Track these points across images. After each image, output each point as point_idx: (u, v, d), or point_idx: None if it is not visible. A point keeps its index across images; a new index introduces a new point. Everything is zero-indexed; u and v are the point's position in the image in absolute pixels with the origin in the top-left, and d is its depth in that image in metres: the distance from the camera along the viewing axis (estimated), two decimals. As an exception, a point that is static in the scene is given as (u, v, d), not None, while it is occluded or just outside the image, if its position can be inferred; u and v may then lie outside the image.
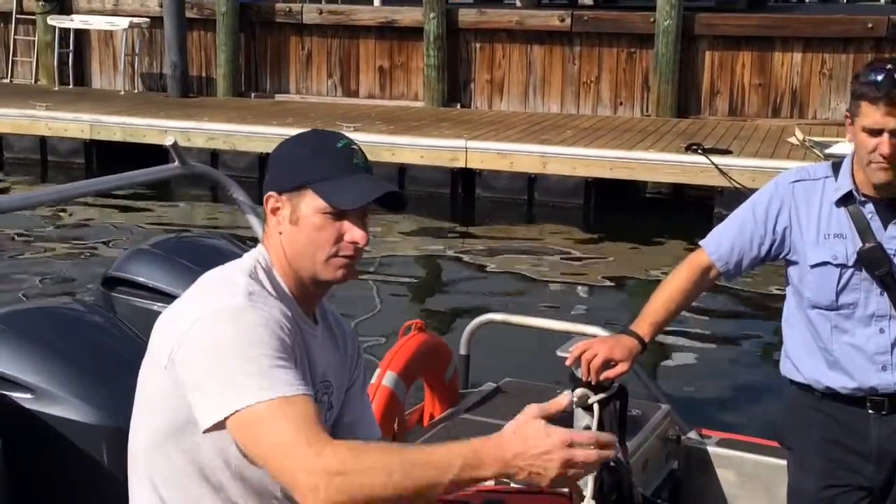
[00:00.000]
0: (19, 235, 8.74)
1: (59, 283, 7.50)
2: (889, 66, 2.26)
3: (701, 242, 2.57)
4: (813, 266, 2.43)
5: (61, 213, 9.30)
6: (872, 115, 2.26)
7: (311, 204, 1.71)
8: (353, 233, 1.71)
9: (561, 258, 8.30)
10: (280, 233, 1.75)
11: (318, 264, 1.72)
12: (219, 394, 1.57)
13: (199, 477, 1.69)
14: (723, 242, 2.53)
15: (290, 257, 1.74)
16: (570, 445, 1.45)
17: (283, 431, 1.53)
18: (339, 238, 1.71)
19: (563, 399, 1.55)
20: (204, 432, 1.61)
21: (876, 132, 2.27)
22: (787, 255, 2.49)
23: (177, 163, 2.73)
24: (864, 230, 2.37)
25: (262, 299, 1.68)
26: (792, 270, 2.51)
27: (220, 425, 1.58)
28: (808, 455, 2.52)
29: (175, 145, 2.68)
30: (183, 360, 1.63)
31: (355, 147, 1.76)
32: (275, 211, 1.75)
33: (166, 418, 1.69)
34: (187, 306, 1.69)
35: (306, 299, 1.78)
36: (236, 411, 1.55)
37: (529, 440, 1.45)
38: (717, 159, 8.82)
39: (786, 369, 2.57)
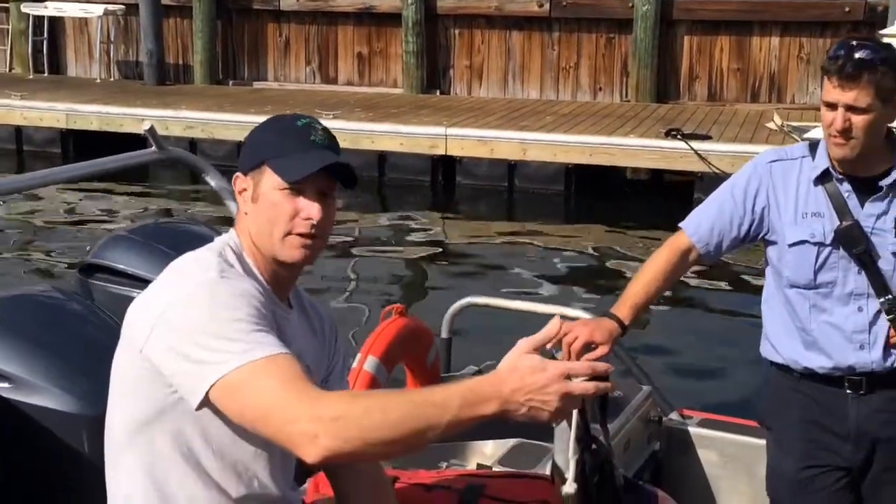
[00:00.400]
0: (-2, 224, 8.69)
1: (37, 271, 7.44)
2: (854, 42, 2.28)
3: (681, 224, 2.58)
4: (791, 245, 2.44)
5: (38, 201, 9.22)
6: (828, 89, 2.30)
7: (269, 181, 1.71)
8: (309, 209, 1.70)
9: (541, 244, 8.31)
10: (246, 213, 1.76)
11: (276, 242, 1.72)
12: (202, 366, 1.56)
13: (181, 459, 1.68)
14: (702, 224, 2.54)
15: (255, 237, 1.74)
16: (567, 377, 1.45)
17: (271, 388, 1.52)
18: (295, 214, 1.70)
19: (553, 326, 1.53)
20: (196, 409, 1.59)
21: (832, 106, 2.30)
22: (766, 234, 2.50)
23: (154, 148, 2.71)
24: (841, 208, 2.39)
25: (234, 275, 1.69)
26: (771, 250, 2.52)
27: (208, 399, 1.57)
28: (787, 435, 2.54)
29: (152, 130, 2.65)
30: (160, 341, 1.61)
31: (317, 126, 1.75)
32: (242, 192, 1.77)
33: (145, 403, 1.68)
34: (160, 290, 1.69)
35: (278, 283, 1.77)
36: (222, 377, 1.54)
37: (526, 375, 1.45)
38: (697, 144, 8.85)
39: (765, 350, 2.58)
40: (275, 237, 1.71)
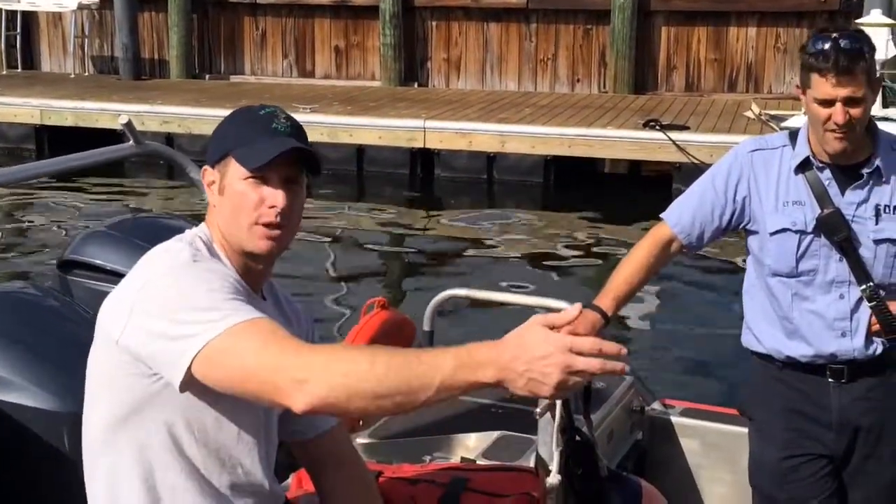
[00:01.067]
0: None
1: (14, 269, 7.37)
2: (834, 34, 2.27)
3: (662, 215, 2.58)
4: (773, 233, 2.45)
5: (15, 197, 9.13)
6: (823, 86, 2.28)
7: (234, 171, 1.70)
8: (273, 197, 1.68)
9: (522, 236, 8.32)
10: (214, 206, 1.75)
11: (243, 232, 1.70)
12: (181, 341, 1.54)
13: (163, 450, 1.67)
14: (684, 214, 2.54)
15: (223, 228, 1.73)
16: (571, 351, 1.37)
17: (255, 347, 1.51)
18: (261, 203, 1.69)
19: (573, 310, 1.44)
20: (181, 389, 1.57)
21: (828, 102, 2.28)
22: (747, 224, 2.51)
23: (131, 142, 2.68)
24: (822, 196, 2.40)
25: (205, 259, 1.68)
26: (752, 240, 2.53)
27: (191, 374, 1.54)
28: (769, 425, 2.55)
29: (129, 124, 2.63)
30: (137, 328, 1.60)
31: (279, 114, 1.74)
32: (210, 185, 1.76)
33: (126, 394, 1.66)
34: (131, 281, 1.68)
35: (249, 275, 1.75)
36: (204, 345, 1.52)
37: (527, 344, 1.38)
38: (675, 135, 8.88)
39: (746, 340, 2.59)
40: (241, 227, 1.70)
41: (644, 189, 9.29)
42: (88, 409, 1.74)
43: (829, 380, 2.46)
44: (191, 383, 1.57)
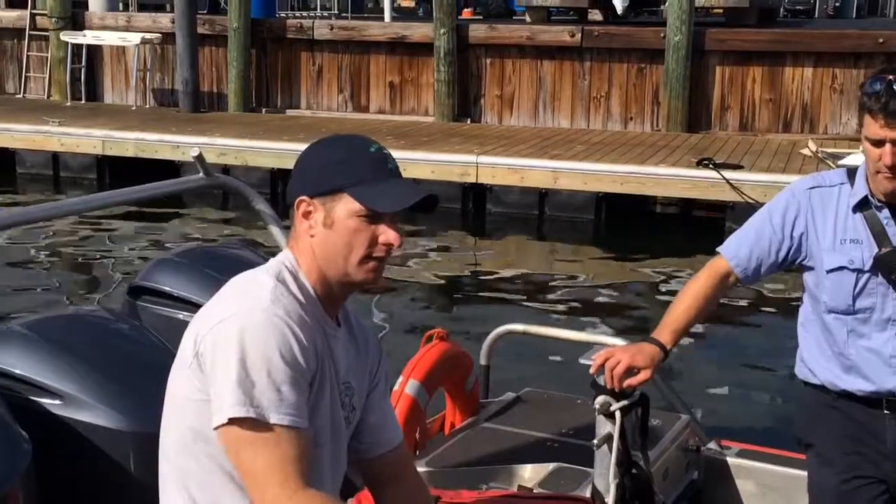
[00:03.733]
0: (47, 246, 8.82)
1: (85, 293, 7.55)
2: (890, 76, 2.28)
3: (719, 248, 2.59)
4: (829, 271, 2.45)
5: (87, 225, 9.36)
6: (872, 126, 2.30)
7: (346, 207, 1.74)
8: (387, 235, 1.74)
9: (573, 272, 8.30)
10: (312, 236, 1.77)
11: (351, 266, 1.75)
12: (223, 399, 1.62)
13: (226, 477, 1.71)
14: (741, 248, 2.55)
15: (322, 260, 1.77)
16: None
17: (265, 459, 1.60)
18: (374, 241, 1.74)
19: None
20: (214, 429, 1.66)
21: (879, 143, 2.30)
22: (804, 260, 2.51)
23: (202, 174, 2.76)
24: (880, 235, 2.40)
25: (287, 304, 1.72)
26: (808, 276, 2.53)
27: (220, 428, 1.64)
28: (828, 449, 2.53)
29: (200, 157, 2.70)
30: (204, 356, 1.67)
31: (387, 152, 1.79)
32: (307, 215, 1.78)
33: (194, 418, 1.72)
34: (215, 307, 1.73)
35: (330, 302, 1.81)
36: (233, 419, 1.61)
37: None
38: (729, 174, 8.83)
39: (801, 372, 2.58)
40: (351, 261, 1.75)
41: (696, 228, 9.23)
42: (164, 425, 1.80)
43: (885, 412, 2.44)
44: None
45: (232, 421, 1.61)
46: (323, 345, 1.75)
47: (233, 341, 1.65)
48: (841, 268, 2.43)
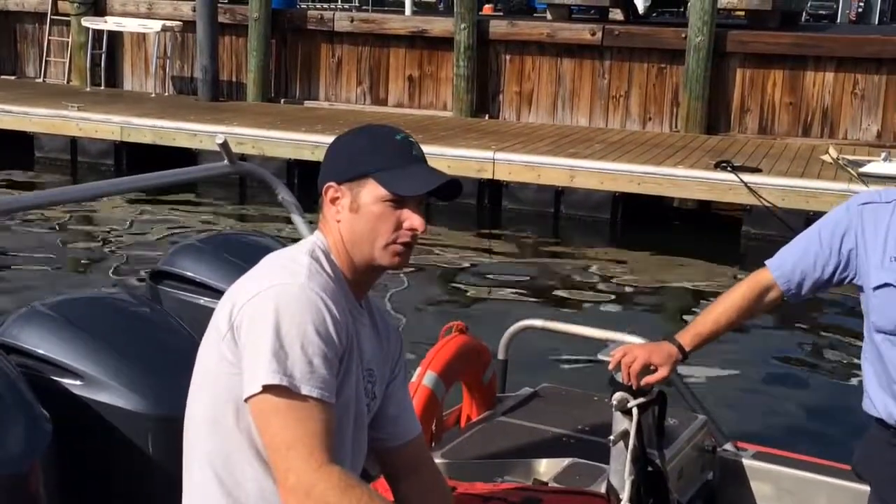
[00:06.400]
0: (72, 228, 8.86)
1: (108, 276, 7.59)
2: None
3: (766, 261, 2.51)
4: (875, 288, 2.35)
5: (111, 209, 9.40)
6: None
7: (372, 192, 1.77)
8: (412, 220, 1.78)
9: (588, 270, 8.29)
10: (338, 221, 1.81)
11: (377, 250, 1.78)
12: (257, 368, 1.63)
13: (252, 452, 1.72)
14: (786, 262, 2.46)
15: (349, 244, 1.80)
16: None
17: (294, 431, 1.61)
18: (399, 225, 1.77)
19: None
20: (245, 401, 1.66)
21: None
22: (854, 279, 2.42)
23: (226, 161, 2.76)
24: None
25: (322, 281, 1.74)
26: (861, 296, 2.43)
27: (250, 398, 1.65)
28: (885, 491, 2.42)
29: (225, 144, 2.71)
30: (240, 328, 1.69)
31: (413, 140, 1.83)
32: (334, 200, 1.81)
33: (225, 391, 1.73)
34: (251, 280, 1.75)
35: (358, 285, 1.84)
36: (267, 386, 1.62)
37: None
38: (747, 177, 8.79)
39: (865, 404, 2.46)
40: (377, 245, 1.78)
41: (712, 230, 9.20)
42: (192, 400, 1.82)
43: None
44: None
45: (266, 389, 1.62)
46: (351, 327, 1.77)
47: (269, 314, 1.66)
48: (887, 285, 2.32)
